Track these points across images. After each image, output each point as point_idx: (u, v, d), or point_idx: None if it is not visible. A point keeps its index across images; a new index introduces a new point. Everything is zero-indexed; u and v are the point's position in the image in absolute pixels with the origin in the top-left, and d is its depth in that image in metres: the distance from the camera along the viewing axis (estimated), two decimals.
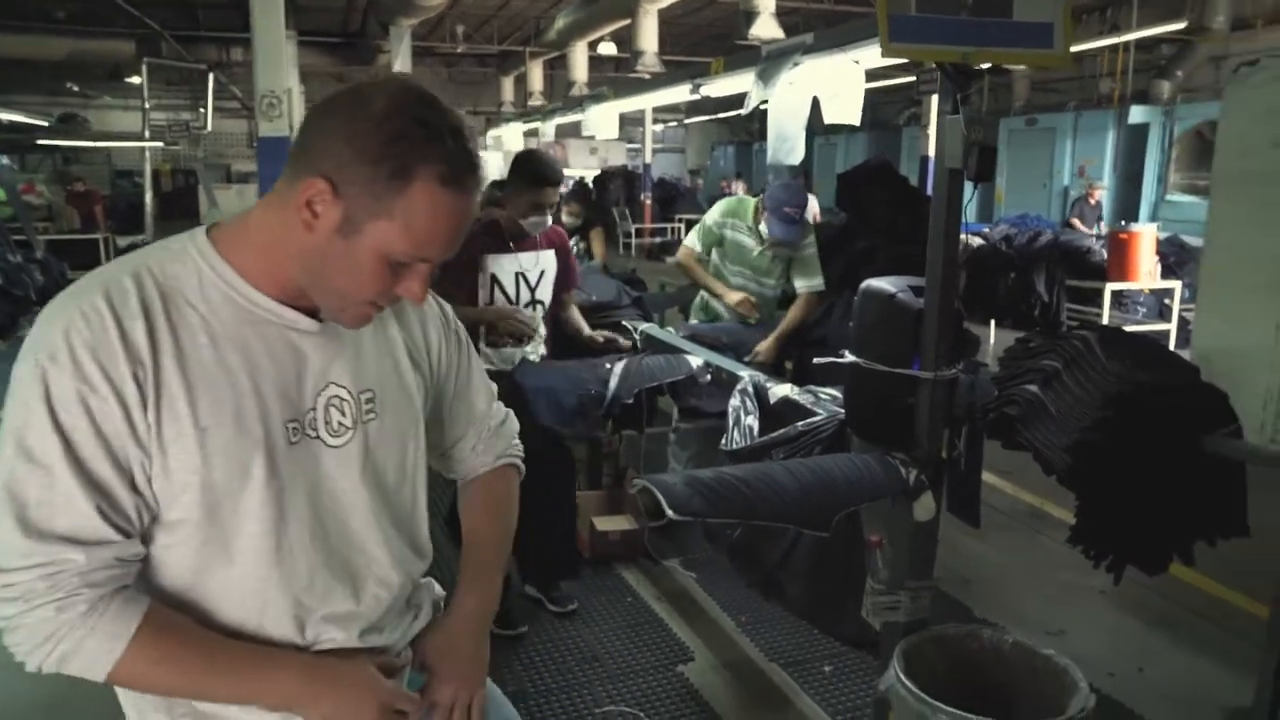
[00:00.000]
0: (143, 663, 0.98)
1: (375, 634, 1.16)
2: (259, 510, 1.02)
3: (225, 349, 1.01)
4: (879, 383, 2.03)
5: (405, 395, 1.18)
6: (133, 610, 0.98)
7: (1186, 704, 2.81)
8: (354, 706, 1.08)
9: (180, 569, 1.03)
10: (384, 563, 1.16)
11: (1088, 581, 3.61)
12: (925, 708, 1.80)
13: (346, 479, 1.11)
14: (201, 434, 0.98)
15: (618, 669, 2.97)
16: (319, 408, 1.07)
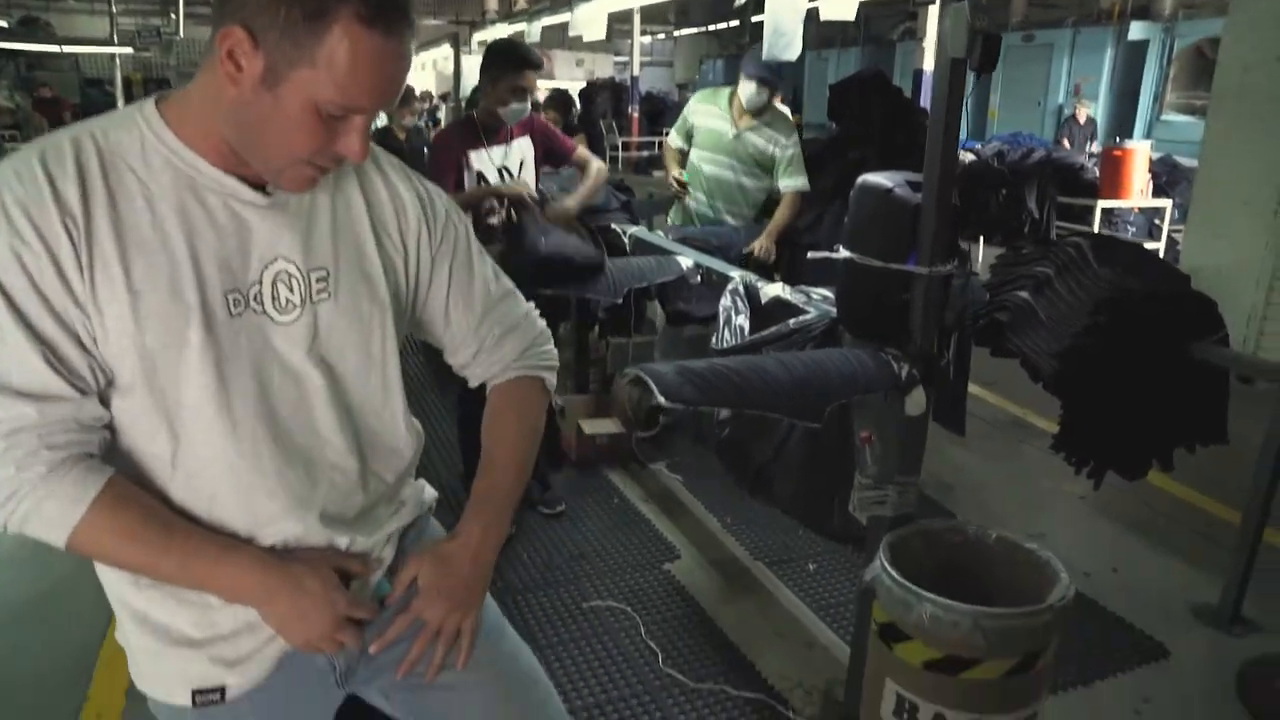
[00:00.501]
0: (100, 532, 0.97)
1: (342, 525, 1.14)
2: (197, 378, 1.00)
3: (163, 214, 0.98)
4: (873, 278, 2.01)
5: (366, 279, 1.12)
6: (94, 478, 0.97)
7: (1157, 602, 2.89)
8: (309, 612, 1.07)
9: (134, 436, 1.02)
10: (339, 448, 1.12)
11: (1067, 488, 3.69)
12: (910, 596, 1.84)
13: (294, 357, 1.08)
14: (134, 297, 0.96)
15: (604, 566, 3.02)
16: (265, 282, 1.04)
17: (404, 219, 1.18)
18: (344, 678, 1.20)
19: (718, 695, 2.39)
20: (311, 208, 1.09)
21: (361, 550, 1.17)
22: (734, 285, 2.60)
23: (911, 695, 1.88)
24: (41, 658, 2.54)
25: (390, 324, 1.16)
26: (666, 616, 2.74)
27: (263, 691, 1.14)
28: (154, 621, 1.10)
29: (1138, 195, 7.50)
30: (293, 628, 1.08)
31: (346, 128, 0.99)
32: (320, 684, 1.19)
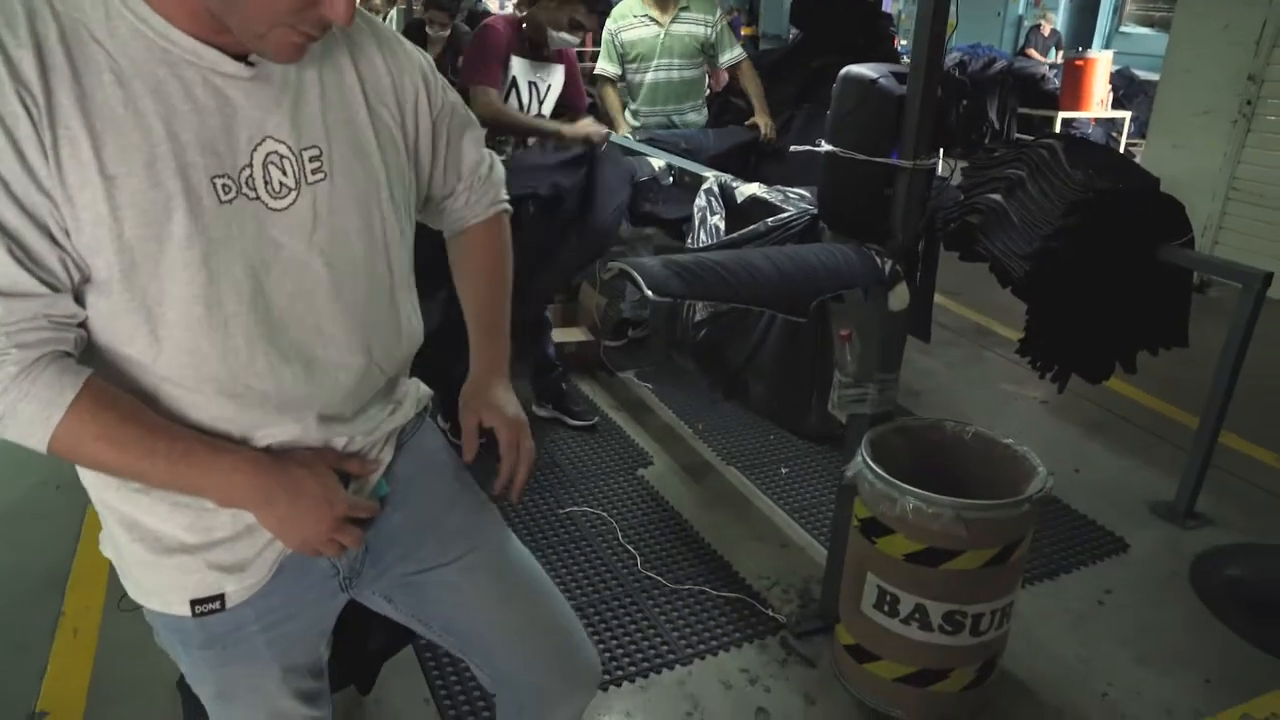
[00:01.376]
0: (80, 437, 0.91)
1: (340, 424, 1.09)
2: (182, 273, 0.92)
3: (135, 91, 0.89)
4: (855, 173, 1.97)
5: (362, 157, 1.05)
6: (70, 379, 0.90)
7: (1117, 500, 2.98)
8: (308, 514, 1.03)
9: (113, 337, 0.95)
10: (340, 343, 1.05)
11: (1029, 393, 3.75)
12: (893, 490, 1.85)
13: (296, 247, 0.99)
14: (109, 182, 0.87)
15: (578, 473, 3.02)
16: (255, 165, 0.96)
17: (401, 87, 1.10)
18: (347, 581, 1.17)
19: (697, 595, 2.41)
20: (299, 82, 0.99)
21: (359, 449, 1.13)
22: (709, 185, 2.55)
23: (893, 587, 1.92)
24: (12, 576, 2.48)
25: (388, 203, 1.08)
26: (643, 521, 2.75)
27: (264, 597, 1.10)
28: (146, 528, 1.04)
29: (1098, 106, 7.49)
30: (291, 531, 1.03)
31: None
32: (324, 588, 1.16)
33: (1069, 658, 2.26)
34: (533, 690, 1.31)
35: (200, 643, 1.11)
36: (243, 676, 1.16)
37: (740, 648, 2.24)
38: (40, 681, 2.11)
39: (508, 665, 1.30)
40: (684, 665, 2.17)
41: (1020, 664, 2.21)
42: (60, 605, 2.36)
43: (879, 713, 2.04)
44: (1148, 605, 2.47)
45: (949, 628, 1.89)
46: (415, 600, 1.24)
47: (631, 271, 1.61)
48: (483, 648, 1.30)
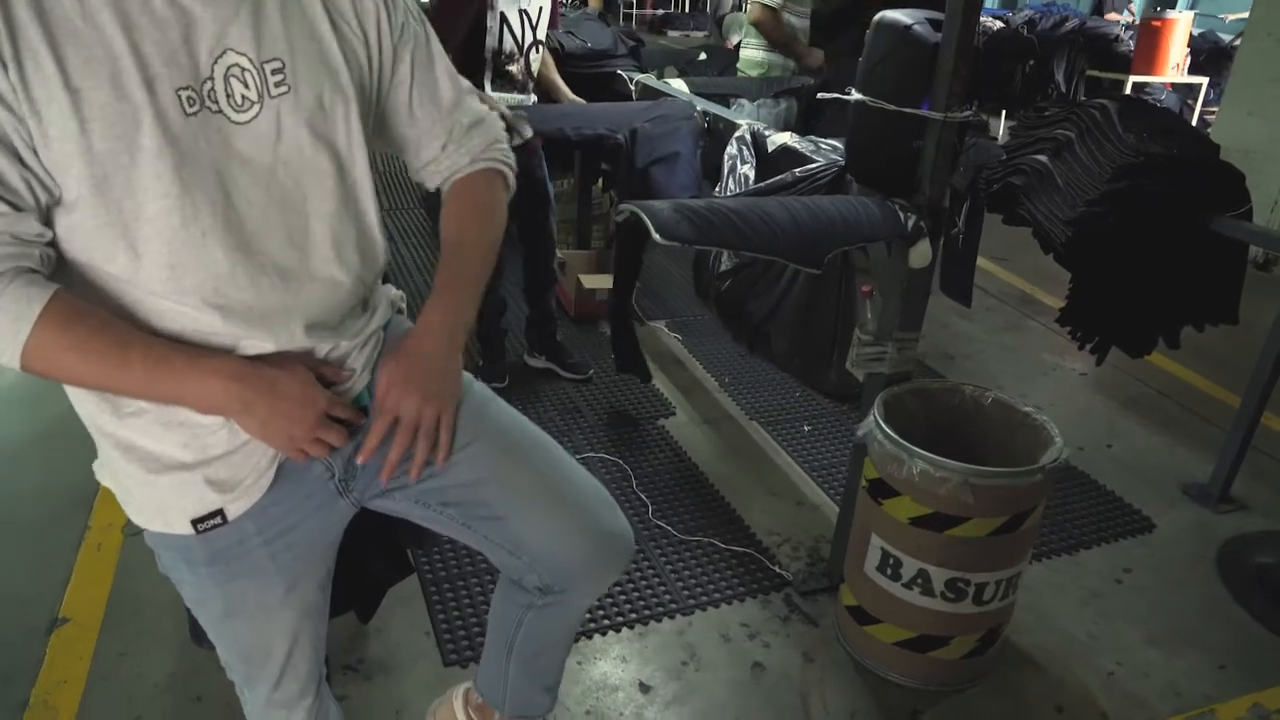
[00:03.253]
0: (52, 349, 0.91)
1: (321, 332, 1.09)
2: (155, 185, 0.92)
3: (92, 5, 0.88)
4: (884, 123, 1.90)
5: (327, 68, 1.04)
6: (36, 291, 0.90)
7: (1147, 478, 2.89)
8: (290, 412, 1.03)
9: (85, 260, 0.95)
10: (315, 254, 1.06)
11: (1067, 364, 3.65)
12: (902, 452, 1.81)
13: (262, 159, 1.00)
14: (74, 95, 0.87)
15: (599, 420, 3.01)
16: (217, 77, 0.94)
17: (362, 8, 1.09)
18: (343, 485, 1.17)
19: (705, 547, 2.41)
20: None
21: (343, 354, 1.13)
22: (740, 133, 2.48)
23: (896, 551, 1.89)
24: (39, 495, 2.56)
25: (355, 117, 1.07)
26: (658, 470, 2.75)
27: (264, 509, 1.11)
28: (142, 450, 1.05)
29: (1172, 71, 7.15)
30: (275, 430, 1.03)
31: None
32: (322, 493, 1.17)
33: (1078, 634, 2.21)
34: (557, 567, 1.27)
35: (205, 559, 1.12)
36: (249, 590, 1.17)
37: (743, 602, 2.23)
38: (63, 590, 2.18)
39: (528, 539, 1.24)
40: (685, 615, 2.17)
41: (1027, 637, 2.17)
42: (85, 521, 2.43)
43: (877, 675, 2.02)
44: (1167, 587, 2.40)
45: (951, 595, 1.86)
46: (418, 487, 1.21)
47: (640, 213, 1.58)
48: (499, 526, 1.25)
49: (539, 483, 1.24)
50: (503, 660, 1.44)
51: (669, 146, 2.86)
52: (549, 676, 1.47)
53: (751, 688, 1.99)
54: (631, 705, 1.93)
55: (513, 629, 1.40)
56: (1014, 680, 2.06)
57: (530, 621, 1.37)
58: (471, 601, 2.16)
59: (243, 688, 1.35)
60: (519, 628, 1.39)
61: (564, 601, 1.33)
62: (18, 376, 3.18)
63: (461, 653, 2.02)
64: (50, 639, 2.03)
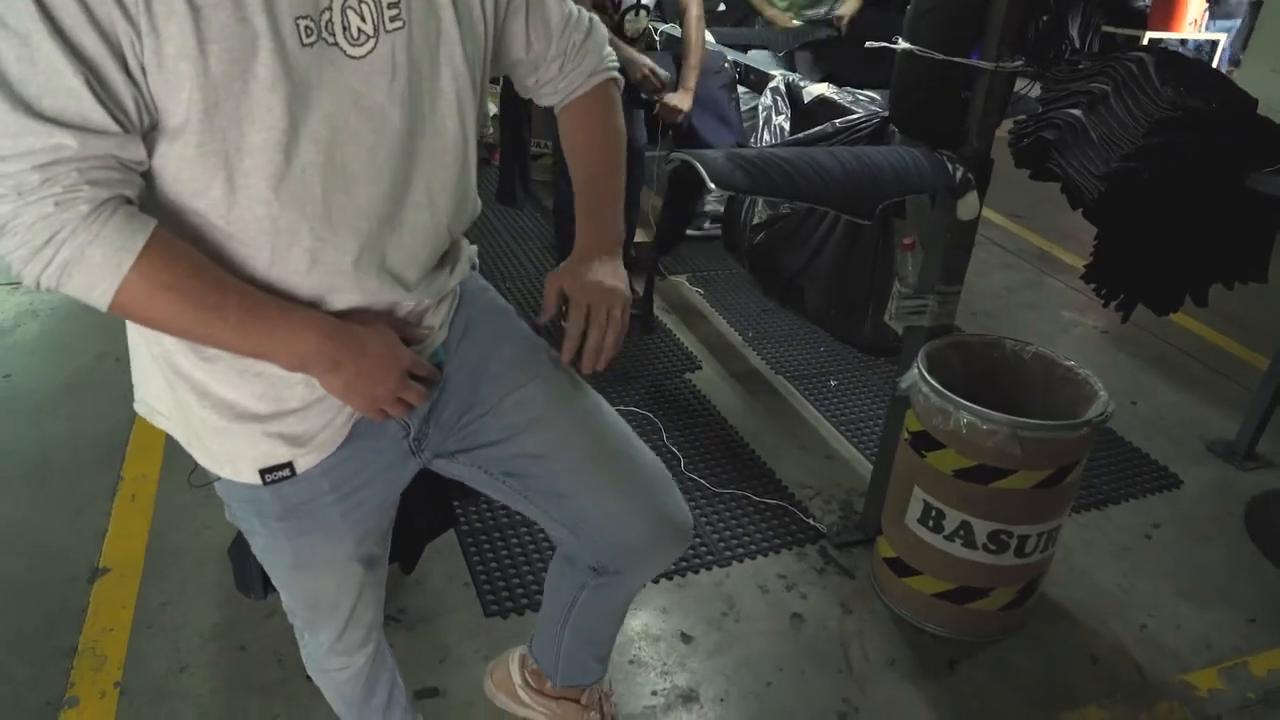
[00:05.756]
0: (151, 286, 0.87)
1: (406, 285, 1.06)
2: (265, 115, 0.88)
3: None
4: (932, 72, 1.87)
5: (435, 4, 0.99)
6: (139, 224, 0.86)
7: (1173, 436, 2.90)
8: (374, 372, 1.01)
9: (173, 193, 0.91)
10: (414, 201, 1.03)
11: (1089, 321, 3.64)
12: (948, 404, 1.81)
13: (375, 97, 0.94)
14: (196, 13, 0.82)
15: (626, 373, 3.01)
16: (335, 8, 0.90)
17: None
18: (416, 444, 1.17)
19: (739, 500, 2.42)
20: None
21: (420, 311, 1.11)
22: (775, 84, 2.45)
23: (939, 503, 1.89)
24: (70, 445, 2.56)
25: (461, 58, 1.03)
26: (688, 423, 2.75)
27: (338, 465, 1.10)
28: (217, 396, 1.03)
29: (1190, 27, 7.05)
30: (358, 393, 1.02)
31: None
32: (395, 452, 1.16)
33: (1110, 587, 2.23)
34: (618, 543, 1.27)
35: (278, 514, 1.12)
36: (319, 544, 1.17)
37: (779, 554, 2.25)
38: (101, 541, 2.19)
39: (590, 513, 1.24)
40: (722, 567, 2.19)
41: (1060, 590, 2.19)
42: (119, 472, 2.43)
43: (914, 626, 2.04)
44: (1196, 542, 2.42)
45: (993, 547, 1.87)
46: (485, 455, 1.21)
47: (694, 162, 1.56)
48: (559, 498, 1.24)
49: (607, 463, 1.24)
50: (556, 630, 1.47)
51: (710, 95, 2.83)
52: (602, 648, 1.51)
53: (791, 638, 2.01)
54: (674, 655, 1.94)
55: (567, 605, 1.42)
56: (1048, 632, 2.08)
57: (585, 600, 1.39)
58: (509, 553, 2.17)
59: (303, 632, 1.36)
60: (573, 605, 1.41)
61: (619, 583, 1.34)
62: (43, 327, 3.18)
63: (502, 603, 2.03)
64: (93, 588, 2.04)
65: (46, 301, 3.31)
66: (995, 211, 4.69)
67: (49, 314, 3.23)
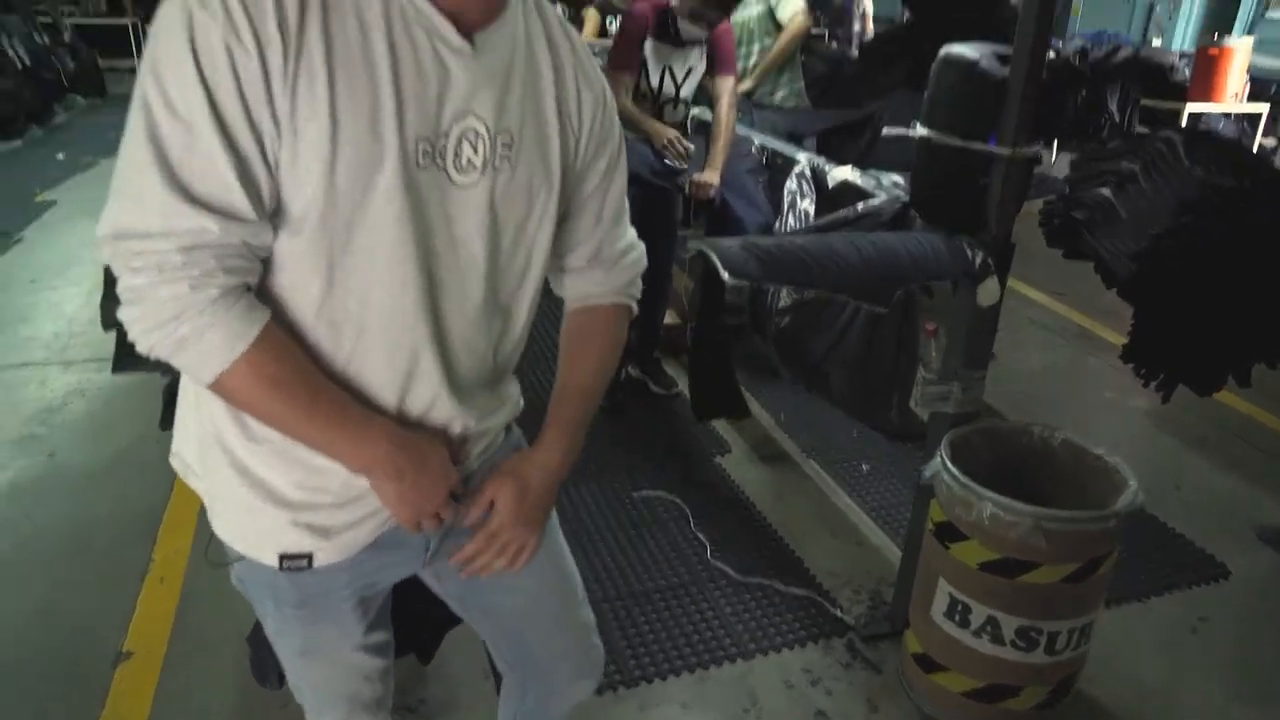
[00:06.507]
0: (254, 376, 0.92)
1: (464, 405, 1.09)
2: (376, 222, 0.93)
3: (374, 41, 0.90)
4: (950, 158, 1.87)
5: (541, 151, 1.05)
6: (257, 315, 0.91)
7: (1219, 521, 2.80)
8: (427, 488, 1.05)
9: (284, 280, 0.96)
10: (478, 325, 1.07)
11: (1131, 401, 3.56)
12: (971, 494, 1.77)
13: (466, 224, 1.01)
14: (335, 124, 0.88)
15: (656, 457, 3.00)
16: (451, 136, 0.96)
17: (584, 100, 1.10)
18: (432, 556, 1.19)
19: (765, 589, 2.37)
20: (509, 68, 1.01)
21: (468, 436, 1.14)
22: (800, 169, 2.47)
23: (965, 597, 1.84)
24: (107, 523, 2.61)
25: (553, 205, 1.09)
26: (716, 509, 2.72)
27: (359, 564, 1.12)
28: (256, 476, 1.05)
29: (1231, 100, 7.01)
30: (408, 505, 1.05)
31: None
32: (413, 561, 1.19)
33: (1153, 686, 2.13)
34: (548, 676, 1.36)
35: (294, 601, 1.14)
36: (329, 636, 1.20)
37: (804, 646, 2.19)
38: (127, 623, 2.21)
39: (534, 651, 1.34)
40: (745, 660, 2.13)
41: (1099, 688, 2.09)
42: (150, 553, 2.47)
43: None
44: (1246, 638, 2.31)
45: (1022, 643, 1.80)
46: (467, 587, 1.25)
47: (709, 253, 1.57)
48: (514, 633, 1.32)
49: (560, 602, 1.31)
50: None
51: (739, 179, 2.91)
52: None
53: None
54: None
55: None
56: None
57: None
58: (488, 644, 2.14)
59: (311, 715, 1.36)
60: None
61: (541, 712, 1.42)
62: (89, 406, 3.28)
63: None
64: (115, 673, 2.06)
65: (95, 381, 3.42)
66: (1035, 289, 4.65)
67: (96, 393, 3.33)
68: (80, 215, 5.64)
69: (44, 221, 5.60)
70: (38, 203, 6.00)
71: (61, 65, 9.54)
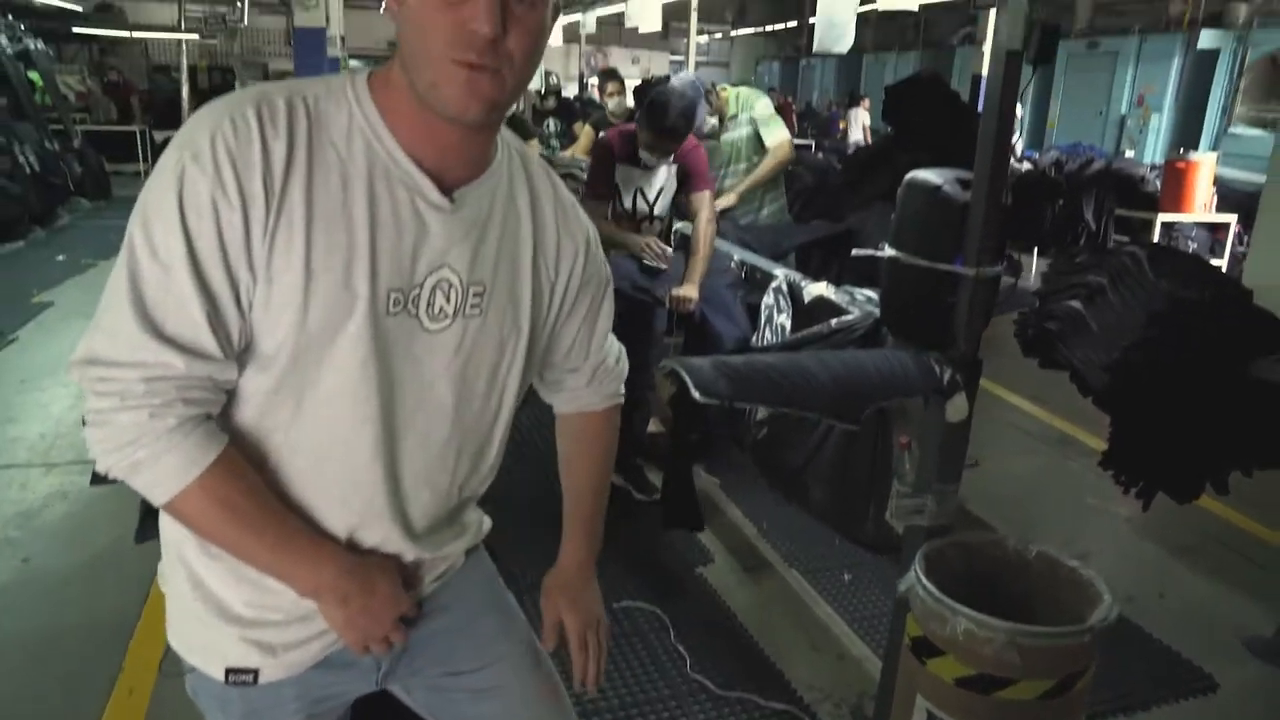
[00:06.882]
0: (206, 499, 0.95)
1: (415, 538, 1.12)
2: (342, 363, 0.98)
3: (354, 195, 0.96)
4: (918, 278, 1.94)
5: (514, 301, 1.10)
6: (214, 442, 0.95)
7: (1205, 631, 2.78)
8: (376, 613, 1.07)
9: (252, 409, 1.00)
10: (439, 464, 1.11)
11: (1113, 508, 3.57)
12: (945, 609, 1.77)
13: (433, 367, 1.05)
14: (309, 275, 0.94)
15: (637, 566, 2.98)
16: (425, 287, 1.01)
17: (563, 249, 1.16)
18: (384, 677, 1.19)
19: (745, 704, 2.33)
20: (486, 222, 1.06)
21: (424, 564, 1.16)
22: (777, 283, 2.55)
23: (942, 713, 1.82)
24: (79, 632, 2.58)
25: (523, 350, 1.13)
26: (697, 620, 2.69)
27: (306, 680, 1.12)
28: (208, 590, 1.07)
29: (1200, 209, 7.26)
30: (357, 626, 1.06)
31: (470, 4, 0.92)
32: (364, 680, 1.19)
33: None
34: None
35: (240, 714, 1.13)
36: None
37: None
38: None
39: None
40: None
41: None
42: (121, 662, 2.43)
43: None
44: None
45: None
46: (439, 700, 1.25)
47: (680, 371, 1.61)
48: None
49: None
50: None
51: (718, 294, 3.01)
52: None
53: None
54: None
55: None
56: None
57: None
58: None
59: None
60: None
61: None
62: (70, 508, 3.26)
63: None
64: None
65: (77, 484, 3.41)
66: (1015, 394, 4.71)
67: (77, 495, 3.32)
68: (75, 317, 5.71)
69: (40, 322, 5.67)
70: (35, 303, 6.08)
71: (69, 170, 9.80)
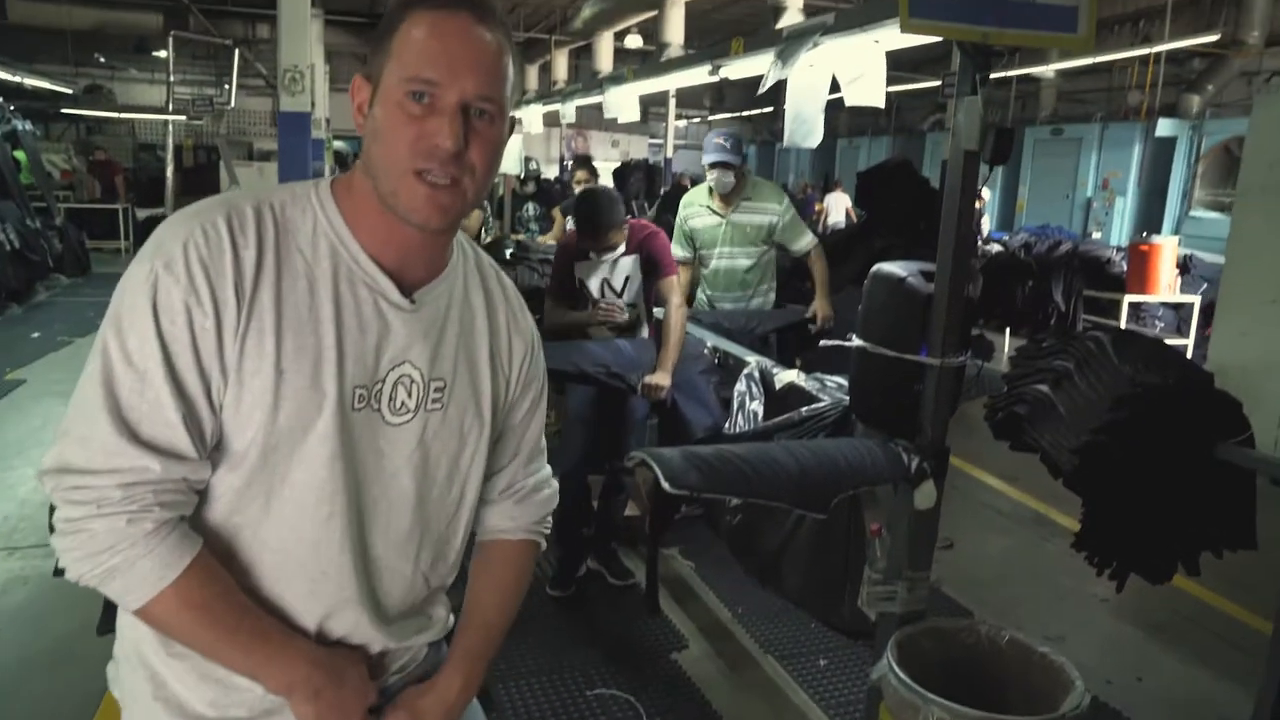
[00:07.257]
0: (180, 603, 0.96)
1: (382, 627, 1.13)
2: (311, 461, 1.00)
3: (320, 298, 1.00)
4: (885, 368, 1.99)
5: (475, 395, 1.14)
6: (189, 545, 0.96)
7: (1184, 713, 2.77)
8: (347, 704, 1.07)
9: (221, 504, 1.01)
10: (404, 553, 1.12)
11: (1089, 588, 3.57)
12: (917, 698, 1.77)
13: (394, 460, 1.08)
14: (279, 376, 0.97)
15: (611, 653, 2.95)
16: (388, 382, 1.05)
17: (514, 347, 1.20)
18: None
19: None
20: (445, 320, 1.10)
21: (388, 655, 1.16)
22: (749, 370, 2.59)
23: None
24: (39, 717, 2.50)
25: (484, 442, 1.16)
26: (671, 708, 2.66)
27: None
28: (171, 692, 1.06)
29: (1165, 290, 7.45)
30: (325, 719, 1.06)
31: (434, 118, 0.97)
32: None
33: None
34: None
35: None
36: None
37: None
38: None
39: None
40: None
41: None
42: None
43: None
44: None
45: None
46: None
47: (650, 462, 1.64)
48: None
49: None
50: None
51: (691, 381, 3.05)
52: None
53: None
54: None
55: None
56: None
57: None
58: None
59: None
60: None
61: None
62: (30, 593, 3.18)
63: None
64: None
65: (40, 568, 3.34)
66: (989, 474, 4.75)
67: (39, 580, 3.25)
68: (48, 395, 5.66)
69: (11, 399, 5.62)
70: (6, 380, 6.03)
71: (49, 246, 9.83)
